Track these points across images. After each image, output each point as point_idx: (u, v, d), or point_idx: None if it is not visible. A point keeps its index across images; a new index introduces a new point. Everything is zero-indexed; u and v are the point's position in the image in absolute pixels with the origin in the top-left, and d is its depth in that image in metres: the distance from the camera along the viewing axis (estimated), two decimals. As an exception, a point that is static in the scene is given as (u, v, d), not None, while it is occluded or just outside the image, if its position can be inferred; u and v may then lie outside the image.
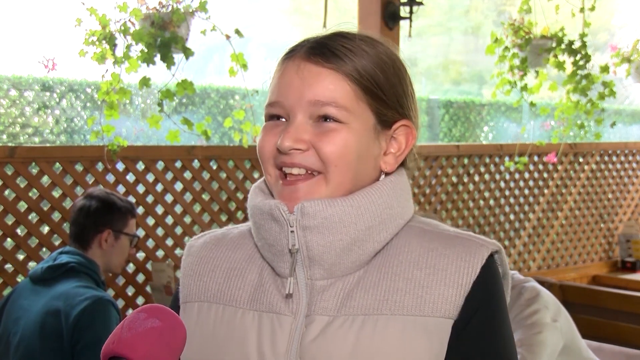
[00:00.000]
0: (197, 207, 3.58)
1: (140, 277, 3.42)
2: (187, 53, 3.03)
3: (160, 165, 3.46)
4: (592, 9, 4.07)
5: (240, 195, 3.69)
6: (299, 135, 0.99)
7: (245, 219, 3.70)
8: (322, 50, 1.00)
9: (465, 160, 4.56)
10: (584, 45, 4.07)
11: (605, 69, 4.19)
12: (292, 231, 0.99)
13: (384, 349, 0.95)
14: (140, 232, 3.36)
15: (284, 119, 1.02)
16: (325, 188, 1.00)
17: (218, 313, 1.06)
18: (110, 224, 2.51)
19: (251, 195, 1.07)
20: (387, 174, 1.06)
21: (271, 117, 1.04)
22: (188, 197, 3.53)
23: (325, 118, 0.99)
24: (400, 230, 1.04)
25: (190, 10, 3.05)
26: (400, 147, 1.06)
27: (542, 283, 3.51)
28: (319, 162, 0.99)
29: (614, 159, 5.42)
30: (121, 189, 3.30)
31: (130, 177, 3.35)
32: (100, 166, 3.24)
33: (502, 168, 4.72)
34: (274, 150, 1.01)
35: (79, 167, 3.24)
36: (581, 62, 4.07)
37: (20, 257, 3.12)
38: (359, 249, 1.00)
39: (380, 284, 0.99)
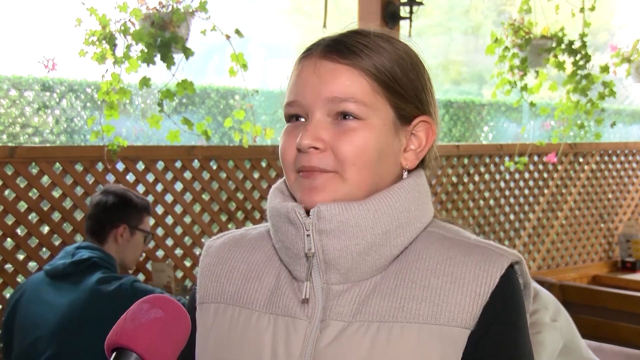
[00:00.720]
0: (197, 207, 3.58)
1: (140, 277, 3.42)
2: (187, 53, 3.03)
3: (160, 165, 3.46)
4: (592, 9, 4.07)
5: (240, 195, 3.69)
6: (317, 134, 0.98)
7: (245, 219, 3.71)
8: (338, 47, 1.00)
9: (465, 160, 4.56)
10: (584, 45, 4.07)
11: (605, 69, 4.19)
12: (308, 235, 0.98)
13: (398, 357, 0.94)
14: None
15: (303, 119, 1.01)
16: (342, 186, 0.99)
17: (234, 315, 1.05)
18: (126, 220, 2.56)
19: (270, 197, 1.06)
20: (408, 171, 1.05)
21: (290, 117, 1.03)
22: (188, 197, 3.53)
23: (344, 115, 0.99)
24: (419, 234, 1.03)
25: (190, 10, 3.05)
26: (421, 143, 1.05)
27: (542, 283, 3.51)
28: (335, 162, 0.98)
29: (614, 159, 5.42)
30: (121, 189, 3.30)
31: (130, 177, 3.35)
32: (100, 166, 3.24)
33: (502, 168, 4.71)
34: (295, 152, 1.00)
35: (79, 167, 3.24)
36: (581, 62, 4.07)
37: (20, 257, 3.12)
38: (375, 253, 0.99)
39: (397, 291, 0.98)
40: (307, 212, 0.99)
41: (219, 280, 1.09)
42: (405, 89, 1.02)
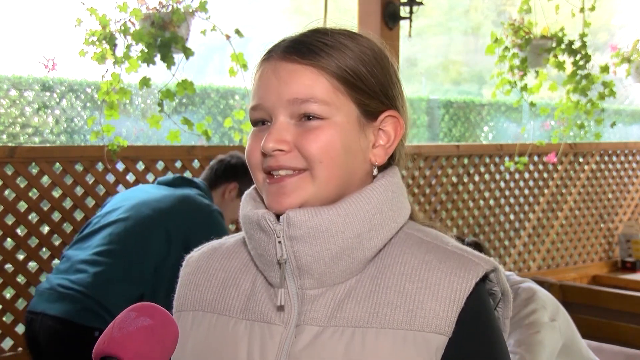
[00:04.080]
0: (197, 207, 3.57)
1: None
2: (187, 53, 3.03)
3: (160, 165, 3.46)
4: (592, 9, 4.07)
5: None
6: (281, 136, 0.97)
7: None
8: (298, 47, 0.99)
9: (465, 160, 4.56)
10: (584, 45, 4.08)
11: (605, 69, 4.19)
12: (279, 241, 0.98)
13: None
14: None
15: (268, 122, 1.01)
16: (311, 185, 0.98)
17: (212, 322, 1.05)
18: (240, 181, 2.75)
19: (242, 204, 1.06)
20: (380, 169, 1.04)
21: (256, 122, 1.02)
22: (188, 197, 3.53)
23: (307, 116, 0.98)
24: (396, 235, 1.02)
25: (190, 10, 3.05)
26: (389, 138, 1.04)
27: (542, 283, 3.51)
28: (303, 161, 0.98)
29: (614, 159, 5.42)
30: (121, 189, 3.30)
31: (130, 177, 3.35)
32: (100, 166, 3.24)
33: (502, 168, 4.72)
34: (261, 155, 1.00)
35: (79, 167, 3.24)
36: (581, 62, 4.07)
37: (20, 257, 3.12)
38: (348, 257, 0.98)
39: (372, 296, 0.98)
40: (278, 218, 0.99)
41: (197, 289, 1.09)
42: (369, 85, 1.01)
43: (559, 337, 2.57)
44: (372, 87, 1.01)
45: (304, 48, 0.99)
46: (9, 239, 3.07)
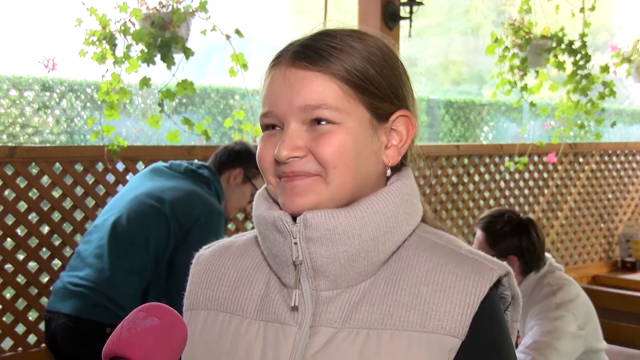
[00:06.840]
0: (197, 207, 3.57)
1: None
2: (187, 53, 3.03)
3: (160, 165, 3.45)
4: (592, 9, 4.07)
5: (240, 195, 3.68)
6: (294, 143, 0.97)
7: (245, 219, 3.71)
8: (307, 52, 0.99)
9: (465, 160, 4.56)
10: (584, 45, 4.08)
11: (605, 69, 4.19)
12: (295, 243, 0.98)
13: None
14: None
15: (279, 127, 1.01)
16: (325, 188, 0.98)
17: (224, 322, 1.05)
18: (245, 167, 2.74)
19: (255, 204, 1.05)
20: (393, 169, 1.04)
21: (267, 127, 1.03)
22: (188, 197, 3.52)
23: (318, 121, 0.98)
24: (409, 238, 1.02)
25: (190, 10, 3.05)
26: (402, 138, 1.04)
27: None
28: (318, 166, 0.98)
29: (614, 159, 5.42)
30: (121, 189, 3.29)
31: (130, 177, 3.34)
32: (100, 166, 3.24)
33: (502, 168, 4.71)
34: (273, 161, 1.00)
35: (79, 167, 3.24)
36: (581, 62, 4.07)
37: (20, 257, 3.12)
38: (364, 259, 0.98)
39: (387, 297, 0.98)
40: (294, 219, 0.98)
41: (209, 287, 1.09)
42: (380, 87, 1.00)
43: (580, 345, 2.56)
44: (383, 89, 1.01)
45: (313, 53, 0.98)
46: (9, 239, 3.07)
